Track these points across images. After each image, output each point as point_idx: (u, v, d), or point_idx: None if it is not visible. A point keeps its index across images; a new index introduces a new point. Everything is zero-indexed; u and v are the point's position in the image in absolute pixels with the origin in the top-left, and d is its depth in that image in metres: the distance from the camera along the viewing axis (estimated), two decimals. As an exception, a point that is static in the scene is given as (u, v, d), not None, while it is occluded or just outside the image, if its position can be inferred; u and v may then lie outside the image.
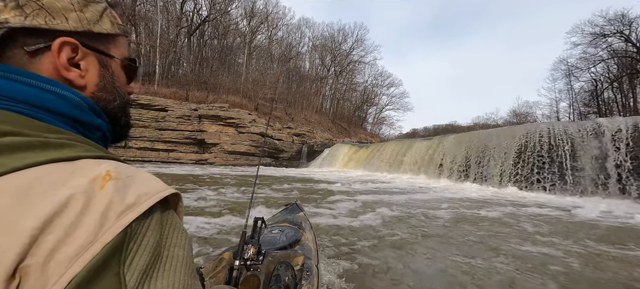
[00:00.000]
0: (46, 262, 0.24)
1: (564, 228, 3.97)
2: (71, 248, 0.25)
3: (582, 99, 30.96)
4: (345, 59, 39.88)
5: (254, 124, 21.61)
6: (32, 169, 0.28)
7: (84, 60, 0.40)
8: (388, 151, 15.21)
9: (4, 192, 0.26)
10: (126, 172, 0.32)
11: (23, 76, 0.35)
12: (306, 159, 23.16)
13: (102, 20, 0.42)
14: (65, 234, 0.26)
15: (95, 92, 0.42)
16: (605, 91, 28.39)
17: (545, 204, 5.79)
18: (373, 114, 46.58)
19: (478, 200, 6.23)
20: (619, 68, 26.95)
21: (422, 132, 52.26)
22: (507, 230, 3.75)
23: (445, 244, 3.05)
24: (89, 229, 0.26)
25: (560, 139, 7.20)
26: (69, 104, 0.37)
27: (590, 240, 3.33)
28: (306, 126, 27.53)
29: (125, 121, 0.49)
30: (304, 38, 38.79)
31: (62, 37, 0.37)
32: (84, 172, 0.30)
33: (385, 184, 9.37)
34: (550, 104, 34.26)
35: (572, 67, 30.21)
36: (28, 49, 0.36)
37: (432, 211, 4.85)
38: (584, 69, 29.15)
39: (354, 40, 39.70)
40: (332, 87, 39.88)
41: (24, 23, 0.35)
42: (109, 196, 0.29)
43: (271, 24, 34.73)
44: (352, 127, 38.58)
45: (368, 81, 43.76)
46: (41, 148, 0.30)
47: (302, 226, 1.76)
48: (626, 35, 24.84)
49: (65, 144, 0.33)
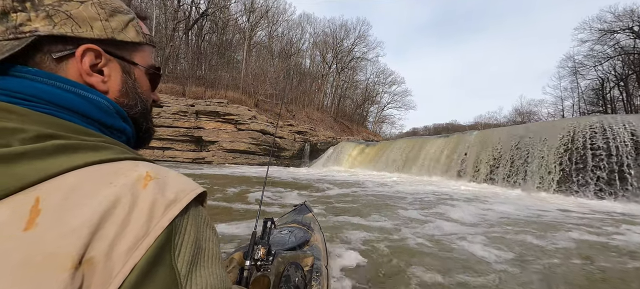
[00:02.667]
0: (109, 253, 0.27)
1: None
2: (128, 240, 0.28)
3: (588, 97, 30.45)
4: (348, 56, 38.99)
5: (255, 120, 20.62)
6: (80, 171, 0.30)
7: (107, 66, 0.42)
8: (398, 149, 14.37)
9: (59, 192, 0.28)
10: (162, 172, 0.35)
11: (55, 80, 0.37)
12: (309, 158, 22.26)
13: (127, 30, 0.44)
14: (121, 228, 0.28)
15: (118, 97, 0.44)
16: (612, 89, 27.82)
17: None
18: (374, 112, 45.80)
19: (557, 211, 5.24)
20: (624, 66, 26.36)
21: (422, 131, 51.81)
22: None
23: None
24: (140, 223, 0.29)
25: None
26: (97, 108, 0.39)
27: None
28: (308, 124, 26.62)
29: (146, 126, 0.51)
30: (304, 34, 37.85)
31: (86, 44, 0.39)
32: (126, 172, 0.32)
33: (431, 188, 7.97)
34: (555, 102, 33.96)
35: (578, 65, 29.68)
36: (54, 56, 0.38)
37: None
38: (590, 66, 28.60)
39: (357, 36, 38.85)
40: (334, 84, 38.97)
41: (51, 31, 0.37)
42: (152, 194, 0.31)
43: (271, 19, 33.73)
44: (354, 125, 37.75)
45: (370, 78, 42.98)
46: (83, 150, 0.32)
47: (311, 227, 1.73)
48: (636, 31, 24.22)
49: (102, 146, 0.35)
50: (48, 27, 0.37)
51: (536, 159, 7.57)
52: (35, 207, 0.26)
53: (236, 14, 30.75)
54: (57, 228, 0.26)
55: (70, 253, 0.25)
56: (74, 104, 0.37)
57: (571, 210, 5.16)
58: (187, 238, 0.33)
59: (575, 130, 7.08)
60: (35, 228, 0.25)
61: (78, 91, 0.38)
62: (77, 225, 0.27)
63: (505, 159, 8.45)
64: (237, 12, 30.73)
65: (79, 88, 0.38)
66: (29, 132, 0.31)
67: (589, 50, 27.77)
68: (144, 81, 0.49)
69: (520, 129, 9.25)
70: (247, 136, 20.08)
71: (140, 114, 0.48)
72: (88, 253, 0.26)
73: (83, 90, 0.39)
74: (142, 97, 0.48)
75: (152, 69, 0.50)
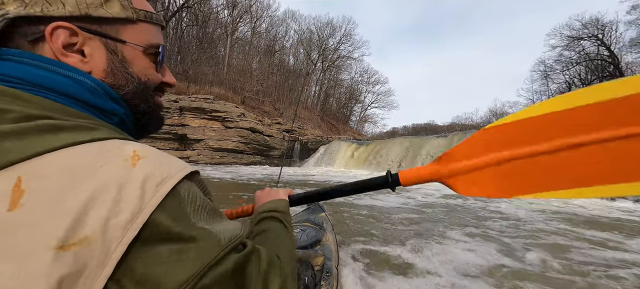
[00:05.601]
0: (103, 231, 0.27)
1: None
2: (122, 218, 0.28)
3: (556, 100, 32.61)
4: (333, 54, 38.81)
5: (243, 118, 19.75)
6: (63, 151, 0.29)
7: (87, 45, 0.40)
8: (394, 149, 14.32)
9: (43, 172, 0.27)
10: (150, 151, 0.35)
11: (38, 60, 0.36)
12: (299, 158, 21.74)
13: (109, 4, 0.41)
14: (113, 205, 0.28)
15: (104, 77, 0.42)
16: (579, 92, 29.96)
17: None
18: (358, 111, 46.10)
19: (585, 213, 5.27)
20: (588, 71, 28.47)
21: (402, 131, 52.97)
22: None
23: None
24: (134, 201, 0.29)
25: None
26: (82, 88, 0.38)
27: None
28: (296, 122, 26.06)
29: (144, 108, 0.48)
30: (289, 31, 37.12)
31: (54, 22, 0.37)
32: (114, 152, 0.32)
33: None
34: (527, 104, 36.01)
35: (548, 69, 31.71)
36: (28, 39, 0.37)
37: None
38: (559, 71, 30.65)
39: (343, 34, 38.78)
40: (319, 82, 38.62)
41: (20, 12, 0.35)
42: (143, 172, 0.31)
43: (255, 14, 32.65)
44: (340, 124, 37.72)
45: (354, 77, 43.13)
46: (68, 130, 0.32)
47: (323, 226, 1.67)
48: (600, 39, 26.21)
49: (89, 127, 0.34)
50: (19, 9, 0.35)
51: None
52: (18, 187, 0.26)
53: (217, 7, 29.45)
54: (42, 209, 0.26)
55: (56, 234, 0.25)
56: (58, 83, 0.36)
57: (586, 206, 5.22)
58: (195, 202, 0.34)
59: None
60: (20, 209, 0.25)
61: (61, 71, 0.36)
62: (63, 206, 0.26)
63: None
64: (218, 6, 29.46)
65: (62, 67, 0.37)
66: (19, 112, 0.31)
67: (558, 55, 29.76)
68: (141, 60, 0.46)
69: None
70: (235, 134, 19.17)
71: (132, 95, 0.45)
72: (79, 233, 0.26)
73: (66, 69, 0.37)
74: (135, 77, 0.45)
75: (152, 48, 0.46)
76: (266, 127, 21.54)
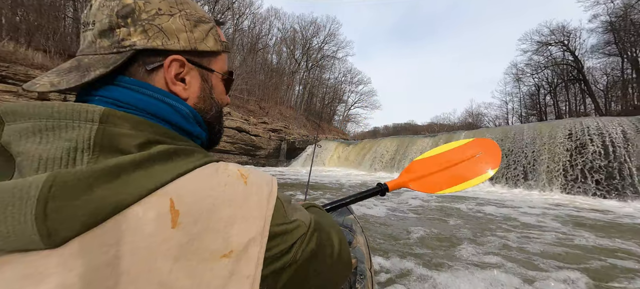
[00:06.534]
0: (246, 243, 0.33)
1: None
2: (253, 229, 0.34)
3: (527, 102, 34.71)
4: (317, 53, 38.79)
5: (229, 117, 19.28)
6: (191, 174, 0.34)
7: (188, 74, 0.44)
8: (383, 149, 14.59)
9: (185, 194, 0.31)
10: (248, 170, 0.40)
11: (148, 89, 0.40)
12: (286, 157, 21.54)
13: (207, 39, 0.46)
14: (245, 219, 0.34)
15: (196, 103, 0.46)
16: (547, 95, 32.11)
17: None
18: (342, 111, 46.42)
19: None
20: (554, 75, 30.54)
21: (383, 131, 54.03)
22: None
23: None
24: (256, 213, 0.35)
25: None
26: (179, 115, 0.42)
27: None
28: (282, 121, 25.84)
29: (218, 128, 0.53)
30: (272, 29, 36.63)
31: (173, 55, 0.42)
32: (227, 172, 0.36)
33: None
34: (501, 105, 38.14)
35: (520, 72, 33.64)
36: (148, 67, 0.41)
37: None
38: (529, 74, 32.62)
39: (327, 34, 38.84)
40: (303, 81, 38.46)
41: (146, 45, 0.40)
42: (255, 189, 0.37)
43: (237, 11, 31.89)
44: (325, 123, 37.78)
45: (338, 77, 43.37)
46: (185, 155, 0.36)
47: (352, 228, 1.61)
48: (566, 45, 28.18)
49: (196, 150, 0.38)
50: (143, 41, 0.39)
51: (540, 160, 8.21)
52: (173, 208, 0.29)
53: (198, 3, 28.41)
54: (199, 226, 0.30)
55: (218, 247, 0.30)
56: (161, 111, 0.40)
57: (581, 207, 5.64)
58: (285, 202, 0.41)
59: (578, 131, 7.68)
60: (179, 226, 0.29)
61: (165, 99, 0.40)
62: (213, 223, 0.31)
63: (508, 161, 9.03)
64: (200, 2, 28.43)
65: (166, 96, 0.41)
66: (140, 138, 0.34)
67: (529, 59, 31.63)
68: (220, 86, 0.50)
69: (512, 130, 10.00)
70: (221, 134, 18.65)
71: (214, 118, 0.50)
72: (229, 245, 0.31)
73: (169, 98, 0.41)
74: (216, 102, 0.50)
75: (227, 75, 0.52)
76: (252, 127, 21.17)
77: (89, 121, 0.32)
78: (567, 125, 8.26)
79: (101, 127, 0.32)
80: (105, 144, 0.32)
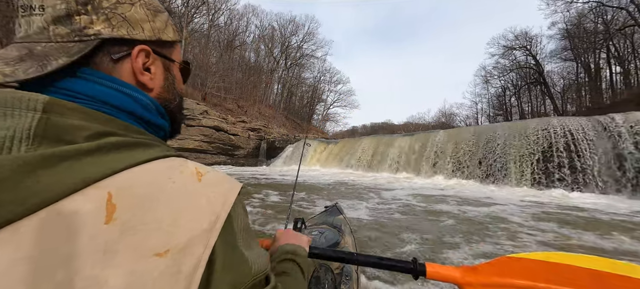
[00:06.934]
0: (189, 242, 0.30)
1: None
2: (201, 229, 0.31)
3: (494, 103, 36.93)
4: (297, 52, 38.55)
5: (206, 115, 18.65)
6: (139, 167, 0.32)
7: (153, 65, 0.45)
8: (363, 148, 14.84)
9: (127, 188, 0.30)
10: (206, 169, 0.38)
11: (112, 82, 0.39)
12: (266, 157, 21.21)
13: (167, 29, 0.47)
14: (192, 219, 0.31)
15: (161, 93, 0.46)
16: (512, 96, 34.37)
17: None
18: (321, 110, 46.53)
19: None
20: (518, 78, 32.77)
21: (361, 130, 54.95)
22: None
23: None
24: (206, 214, 0.33)
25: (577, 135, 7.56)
26: (140, 106, 0.42)
27: None
28: (261, 120, 25.42)
29: (179, 118, 0.53)
30: (250, 26, 35.86)
31: (139, 45, 0.42)
32: (180, 169, 0.35)
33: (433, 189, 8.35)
34: (471, 106, 40.28)
35: (488, 75, 35.71)
36: (114, 57, 0.40)
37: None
38: (497, 76, 34.73)
39: (306, 32, 38.70)
40: (282, 80, 38.06)
41: (112, 34, 0.39)
42: (210, 188, 0.35)
43: (212, 6, 30.85)
44: (304, 122, 37.66)
45: (317, 76, 43.39)
46: (137, 147, 0.35)
47: (341, 229, 1.70)
48: (528, 49, 30.33)
49: (151, 144, 0.37)
50: (108, 30, 0.39)
51: (511, 157, 8.75)
52: (110, 202, 0.28)
53: (171, -5, 27.16)
54: (135, 222, 0.28)
55: (154, 245, 0.28)
56: (124, 103, 0.39)
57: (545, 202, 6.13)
58: (240, 223, 0.38)
59: (545, 130, 8.30)
60: (114, 222, 0.27)
61: (125, 90, 0.40)
62: (151, 219, 0.29)
63: (479, 156, 9.54)
64: (173, -7, 27.15)
65: (129, 88, 0.40)
66: (91, 129, 0.33)
67: (496, 62, 33.67)
68: (178, 76, 0.51)
69: (487, 129, 10.57)
70: (198, 132, 18.02)
71: (177, 108, 0.51)
72: (166, 244, 0.29)
73: (131, 90, 0.41)
74: (178, 92, 0.51)
75: (184, 64, 0.52)
76: (231, 126, 20.63)
77: (31, 109, 0.30)
78: (535, 125, 8.92)
79: (44, 116, 0.31)
80: (48, 134, 0.30)
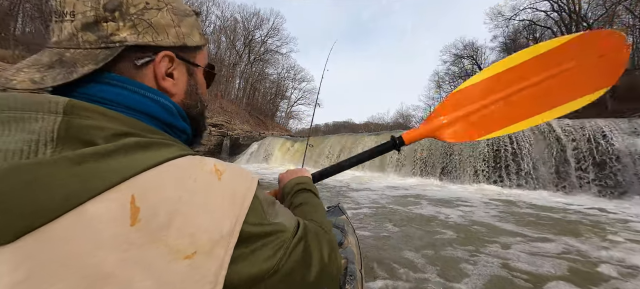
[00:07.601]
0: (214, 241, 0.31)
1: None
2: (224, 227, 0.32)
3: (446, 106, 40.04)
4: (260, 47, 37.46)
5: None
6: (159, 167, 0.32)
7: (177, 70, 0.44)
8: (331, 146, 15.09)
9: (149, 189, 0.30)
10: (225, 165, 0.38)
11: (136, 87, 0.40)
12: (228, 154, 20.35)
13: (193, 33, 0.46)
14: (215, 216, 0.32)
15: (183, 99, 0.47)
16: (461, 100, 37.68)
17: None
18: (284, 107, 45.98)
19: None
20: (466, 84, 36.13)
21: (324, 128, 55.71)
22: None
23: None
24: (228, 211, 0.33)
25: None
26: (163, 110, 0.42)
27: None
28: (223, 116, 24.28)
29: (202, 124, 0.53)
30: (210, 16, 33.90)
31: (163, 51, 0.42)
32: (200, 167, 0.35)
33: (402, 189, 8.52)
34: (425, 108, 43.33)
35: (440, 80, 38.79)
36: (138, 63, 0.40)
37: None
38: (448, 82, 37.91)
39: (271, 27, 37.77)
40: (245, 75, 36.72)
41: (137, 41, 0.39)
42: (230, 185, 0.36)
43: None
44: (268, 119, 36.86)
45: (281, 73, 42.73)
46: (156, 147, 0.34)
47: (344, 229, 1.71)
48: (475, 58, 33.65)
49: (170, 144, 0.37)
50: (133, 37, 0.39)
51: (466, 157, 9.64)
52: (133, 204, 0.28)
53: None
54: (160, 224, 0.28)
55: (180, 247, 0.29)
56: (150, 108, 0.40)
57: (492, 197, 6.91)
58: (262, 206, 0.39)
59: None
60: (139, 224, 0.27)
61: (152, 96, 0.41)
62: (177, 221, 0.29)
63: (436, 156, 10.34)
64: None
65: (153, 93, 0.41)
66: (110, 130, 0.33)
67: (447, 69, 36.77)
68: (202, 81, 0.51)
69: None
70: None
71: (199, 113, 0.51)
72: (195, 243, 0.29)
73: (155, 94, 0.41)
74: (201, 97, 0.51)
75: (208, 69, 0.52)
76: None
77: (53, 112, 0.31)
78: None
79: (65, 118, 0.31)
80: (69, 136, 0.30)
